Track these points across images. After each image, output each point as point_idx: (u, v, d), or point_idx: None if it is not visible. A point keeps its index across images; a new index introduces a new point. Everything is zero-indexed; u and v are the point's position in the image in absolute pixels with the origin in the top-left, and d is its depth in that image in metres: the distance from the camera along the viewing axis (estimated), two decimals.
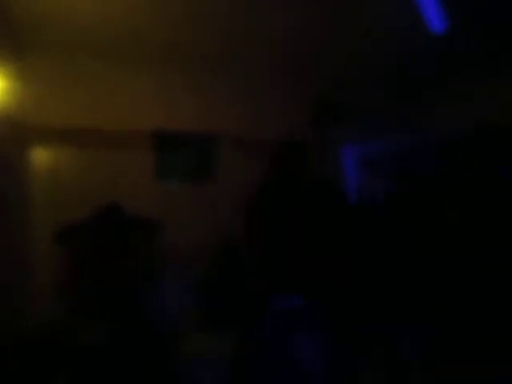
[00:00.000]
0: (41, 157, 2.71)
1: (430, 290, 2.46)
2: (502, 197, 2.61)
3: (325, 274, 2.41)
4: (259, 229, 2.58)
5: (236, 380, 2.03)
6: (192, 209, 3.02)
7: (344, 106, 3.47)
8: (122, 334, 2.11)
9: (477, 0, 2.30)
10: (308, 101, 3.46)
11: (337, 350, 1.96)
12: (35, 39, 2.56)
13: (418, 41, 2.78)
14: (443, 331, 2.20)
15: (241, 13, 2.41)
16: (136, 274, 2.38)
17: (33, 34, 2.50)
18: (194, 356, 2.15)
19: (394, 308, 2.38)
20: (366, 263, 2.59)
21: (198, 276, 2.66)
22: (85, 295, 2.25)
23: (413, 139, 3.27)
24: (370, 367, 1.93)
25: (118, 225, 2.41)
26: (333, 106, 3.50)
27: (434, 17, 2.32)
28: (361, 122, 3.55)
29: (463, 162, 2.89)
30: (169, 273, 2.54)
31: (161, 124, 3.04)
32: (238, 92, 3.33)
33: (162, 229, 2.56)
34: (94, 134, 2.83)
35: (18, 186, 2.51)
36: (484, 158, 2.80)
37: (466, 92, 3.31)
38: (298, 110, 3.44)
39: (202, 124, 3.17)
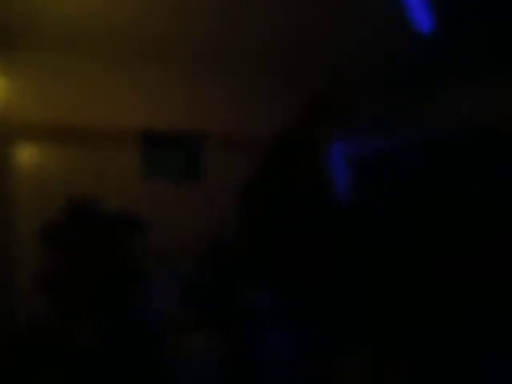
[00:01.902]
0: (25, 155, 2.70)
1: (428, 292, 2.44)
2: (502, 197, 2.60)
3: (316, 274, 2.40)
4: (251, 226, 2.58)
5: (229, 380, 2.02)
6: (180, 208, 2.99)
7: (337, 105, 3.47)
8: (113, 334, 2.11)
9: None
10: (301, 100, 3.46)
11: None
12: (20, 36, 2.54)
13: (407, 41, 2.76)
14: (441, 332, 2.19)
15: (233, 9, 2.39)
16: (124, 273, 2.36)
17: (18, 31, 2.49)
18: (186, 356, 2.14)
19: (388, 309, 2.36)
20: (359, 264, 2.58)
21: (188, 275, 2.65)
22: (71, 295, 2.24)
23: (406, 139, 3.27)
24: (358, 367, 1.92)
25: (103, 224, 2.40)
26: (326, 106, 3.50)
27: (421, 17, 2.34)
28: (354, 121, 3.55)
29: (461, 162, 2.88)
30: (158, 272, 2.52)
31: (148, 122, 3.02)
32: (229, 90, 3.32)
33: (149, 227, 2.54)
34: (79, 132, 2.82)
35: (1, 184, 2.51)
36: (483, 158, 2.79)
37: (462, 92, 3.33)
38: (291, 110, 3.43)
39: (190, 122, 3.15)
